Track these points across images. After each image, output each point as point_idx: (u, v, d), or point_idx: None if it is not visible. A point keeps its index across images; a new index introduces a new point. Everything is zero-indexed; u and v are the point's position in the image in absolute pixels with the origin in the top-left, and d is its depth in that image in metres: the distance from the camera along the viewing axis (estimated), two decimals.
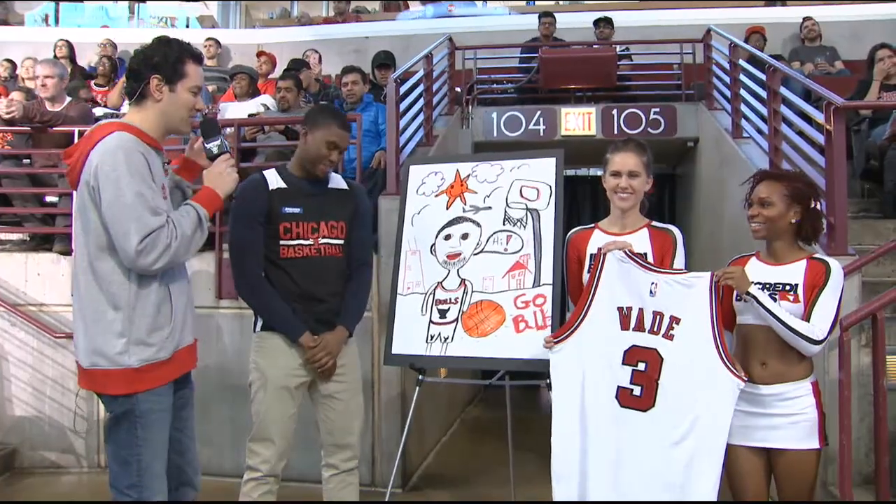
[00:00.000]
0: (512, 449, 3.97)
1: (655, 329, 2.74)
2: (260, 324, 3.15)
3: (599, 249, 2.87)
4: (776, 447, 2.72)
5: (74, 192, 2.53)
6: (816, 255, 2.78)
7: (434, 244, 3.93)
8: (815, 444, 2.69)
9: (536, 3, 13.32)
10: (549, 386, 2.94)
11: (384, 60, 7.42)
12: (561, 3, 13.67)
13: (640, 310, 2.76)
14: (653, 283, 2.74)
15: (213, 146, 2.72)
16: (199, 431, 2.87)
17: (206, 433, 4.75)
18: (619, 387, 2.76)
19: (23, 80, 8.08)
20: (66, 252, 5.38)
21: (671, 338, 2.72)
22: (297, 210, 3.10)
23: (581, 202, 9.58)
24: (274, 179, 3.15)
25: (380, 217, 4.97)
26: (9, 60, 9.09)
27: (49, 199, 5.84)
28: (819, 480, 2.78)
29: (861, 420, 3.83)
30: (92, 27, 11.48)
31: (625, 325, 2.78)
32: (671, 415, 2.69)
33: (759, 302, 2.67)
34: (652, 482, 2.69)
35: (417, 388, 3.91)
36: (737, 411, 2.77)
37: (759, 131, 5.68)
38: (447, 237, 3.92)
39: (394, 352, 3.90)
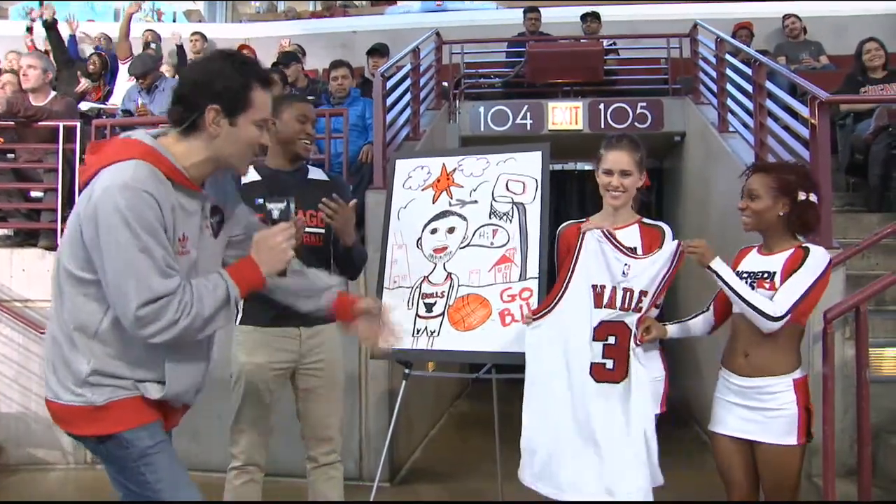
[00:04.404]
0: (499, 442, 3.98)
1: (626, 306, 2.77)
2: (239, 317, 3.17)
3: (578, 228, 2.90)
4: (755, 440, 2.74)
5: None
6: (804, 245, 2.77)
7: (420, 238, 3.92)
8: (793, 441, 2.68)
9: None
10: None
11: (377, 47, 7.40)
12: None
13: (613, 288, 2.79)
14: (626, 265, 2.78)
15: (275, 209, 2.27)
16: (186, 426, 2.85)
17: (194, 428, 4.74)
18: (592, 363, 2.79)
19: (3, 72, 7.98)
20: (52, 248, 5.37)
21: (639, 310, 2.76)
22: None
23: (568, 196, 9.60)
24: (250, 174, 3.12)
25: (366, 211, 4.97)
26: None
27: (34, 194, 5.81)
28: (803, 472, 2.80)
29: (845, 412, 3.86)
30: (78, 21, 11.36)
31: (598, 303, 2.81)
32: (642, 382, 2.74)
33: (718, 276, 2.69)
34: (622, 454, 2.71)
35: (404, 382, 3.91)
36: (721, 400, 2.84)
37: (745, 125, 5.70)
38: (433, 231, 3.92)
39: (380, 346, 3.89)
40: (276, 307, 3.09)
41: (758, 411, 2.72)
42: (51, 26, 8.11)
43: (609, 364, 2.77)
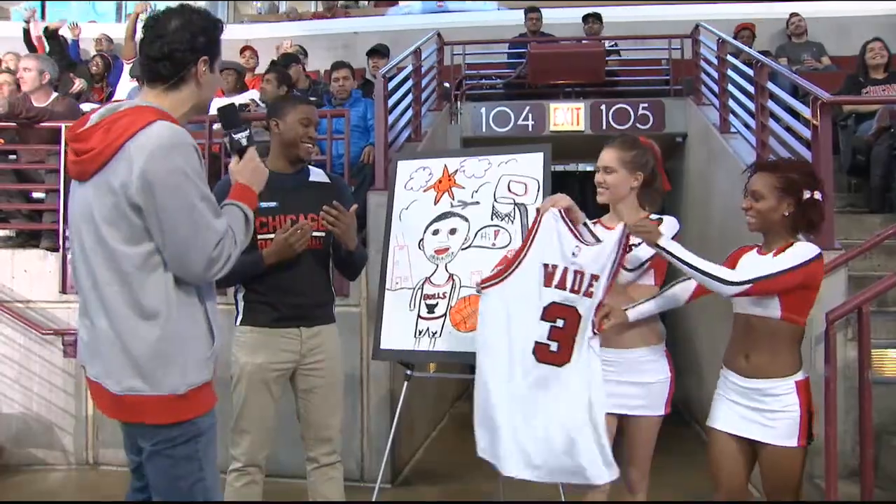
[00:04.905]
0: None
1: (576, 288, 2.75)
2: (240, 318, 3.17)
3: (537, 210, 2.90)
4: (756, 440, 2.72)
5: (77, 184, 2.12)
6: (800, 241, 2.74)
7: (422, 239, 3.93)
8: (794, 443, 2.65)
9: None
10: None
11: (377, 48, 7.40)
12: None
13: (564, 269, 2.79)
14: (576, 246, 2.77)
15: (242, 137, 2.38)
16: None
17: None
18: (536, 342, 2.78)
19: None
20: (53, 248, 5.39)
21: (590, 295, 2.74)
22: (272, 204, 3.08)
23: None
24: None
25: (368, 212, 4.97)
26: None
27: (36, 195, 5.82)
28: (805, 473, 2.79)
29: (847, 413, 3.85)
30: (79, 22, 11.38)
31: (548, 282, 2.80)
32: (584, 370, 2.73)
33: (669, 252, 2.67)
34: (556, 436, 2.71)
35: (406, 384, 3.91)
36: (722, 397, 2.83)
37: (747, 126, 5.71)
38: (435, 232, 3.92)
39: (382, 347, 3.90)
40: (277, 308, 3.12)
41: (760, 412, 2.70)
42: (52, 35, 8.13)
43: (553, 346, 2.76)
